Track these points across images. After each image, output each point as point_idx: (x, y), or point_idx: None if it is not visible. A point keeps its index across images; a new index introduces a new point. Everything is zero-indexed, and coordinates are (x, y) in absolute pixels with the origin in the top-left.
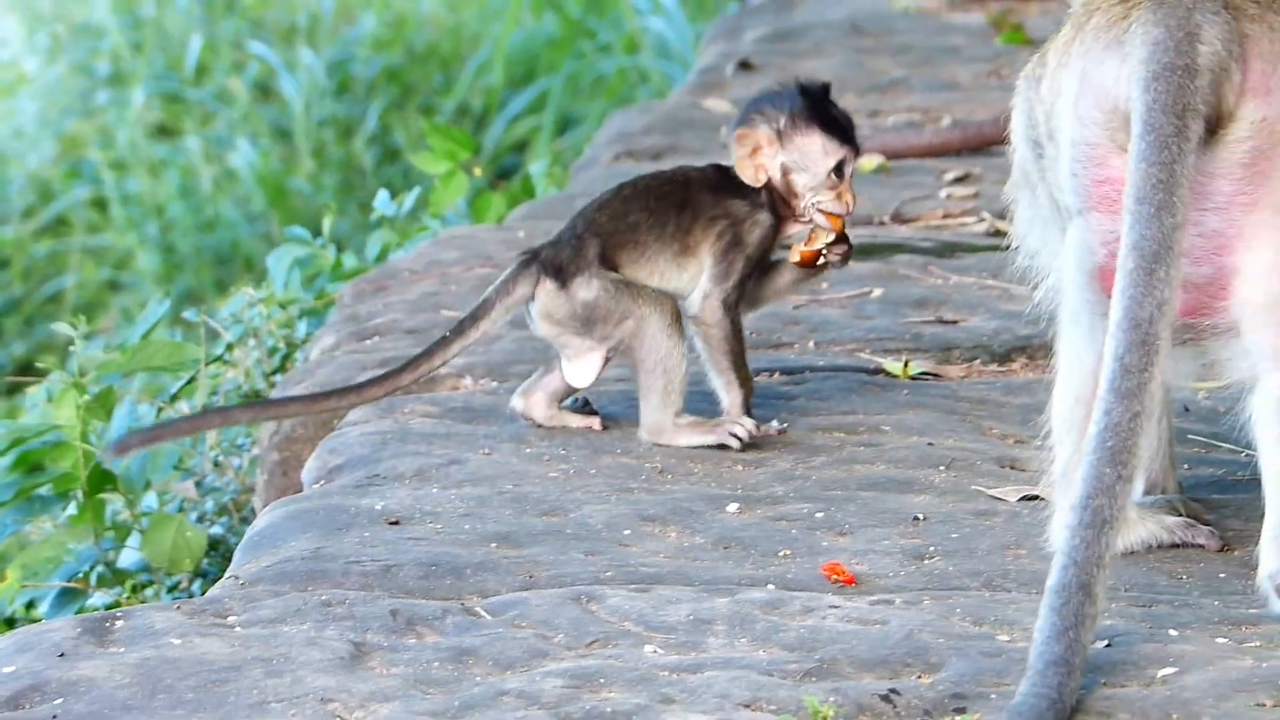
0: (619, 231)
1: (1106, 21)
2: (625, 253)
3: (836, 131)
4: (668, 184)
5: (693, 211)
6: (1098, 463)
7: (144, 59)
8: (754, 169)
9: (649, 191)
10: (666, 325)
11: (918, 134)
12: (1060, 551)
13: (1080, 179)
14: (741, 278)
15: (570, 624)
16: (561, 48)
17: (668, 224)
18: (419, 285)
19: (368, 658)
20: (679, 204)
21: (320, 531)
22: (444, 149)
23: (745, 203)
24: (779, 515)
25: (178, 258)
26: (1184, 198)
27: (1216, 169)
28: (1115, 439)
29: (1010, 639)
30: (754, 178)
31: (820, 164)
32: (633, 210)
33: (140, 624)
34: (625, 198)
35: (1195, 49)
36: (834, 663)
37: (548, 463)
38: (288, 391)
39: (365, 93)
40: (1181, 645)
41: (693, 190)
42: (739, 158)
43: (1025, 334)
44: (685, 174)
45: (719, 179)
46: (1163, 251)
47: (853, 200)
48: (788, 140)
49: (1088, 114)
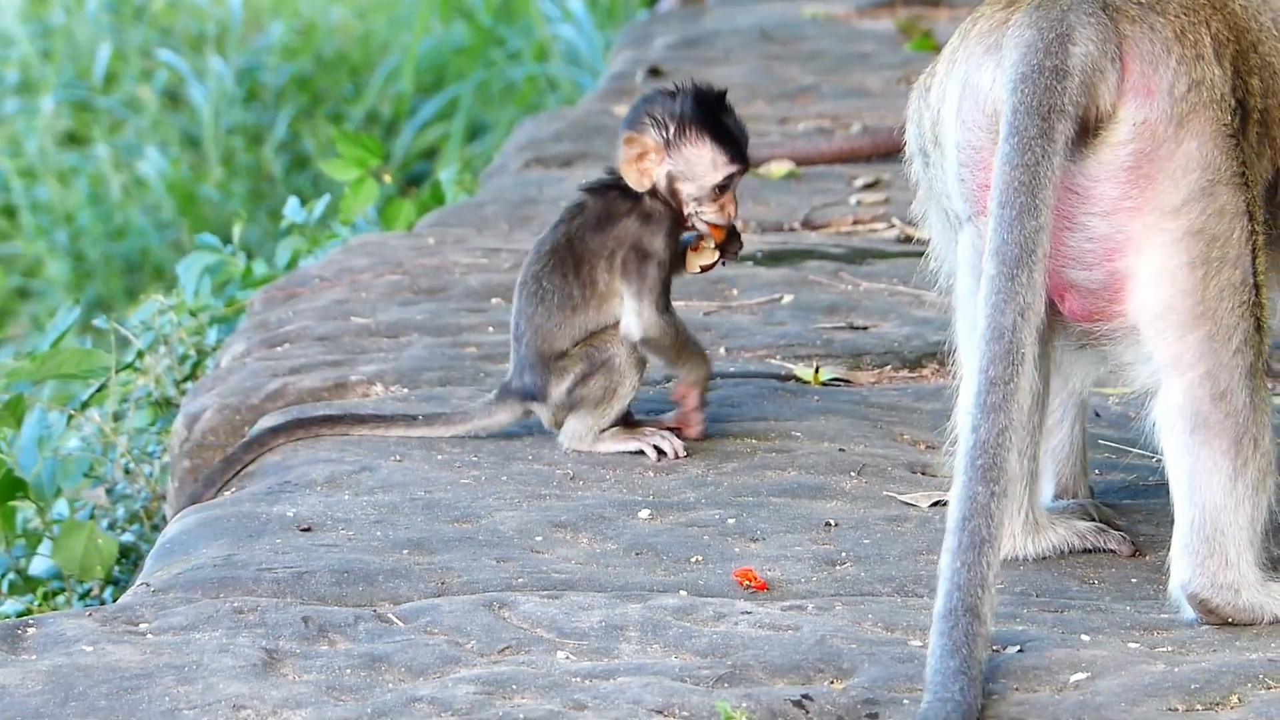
0: (543, 329)
1: (988, 26)
2: (560, 338)
3: (728, 145)
4: (550, 255)
5: (586, 263)
6: (970, 483)
7: (53, 67)
8: (639, 174)
9: (540, 276)
10: (632, 361)
11: (828, 140)
12: (943, 577)
13: (966, 184)
14: (661, 282)
15: (482, 630)
16: (471, 55)
17: (570, 290)
18: (329, 292)
19: (280, 665)
20: (570, 266)
21: (232, 539)
22: (353, 156)
23: (634, 219)
24: (691, 521)
25: (87, 265)
26: (1048, 200)
27: (1100, 172)
28: (984, 456)
29: (922, 644)
30: (638, 183)
31: (707, 177)
32: (539, 301)
33: (52, 631)
34: (530, 294)
35: (1066, 50)
36: (746, 669)
37: (459, 469)
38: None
39: (274, 100)
40: (1094, 650)
41: (575, 246)
42: (625, 160)
43: (936, 340)
44: (565, 233)
45: (600, 210)
46: (1024, 256)
47: (734, 211)
48: (676, 150)
49: (969, 118)
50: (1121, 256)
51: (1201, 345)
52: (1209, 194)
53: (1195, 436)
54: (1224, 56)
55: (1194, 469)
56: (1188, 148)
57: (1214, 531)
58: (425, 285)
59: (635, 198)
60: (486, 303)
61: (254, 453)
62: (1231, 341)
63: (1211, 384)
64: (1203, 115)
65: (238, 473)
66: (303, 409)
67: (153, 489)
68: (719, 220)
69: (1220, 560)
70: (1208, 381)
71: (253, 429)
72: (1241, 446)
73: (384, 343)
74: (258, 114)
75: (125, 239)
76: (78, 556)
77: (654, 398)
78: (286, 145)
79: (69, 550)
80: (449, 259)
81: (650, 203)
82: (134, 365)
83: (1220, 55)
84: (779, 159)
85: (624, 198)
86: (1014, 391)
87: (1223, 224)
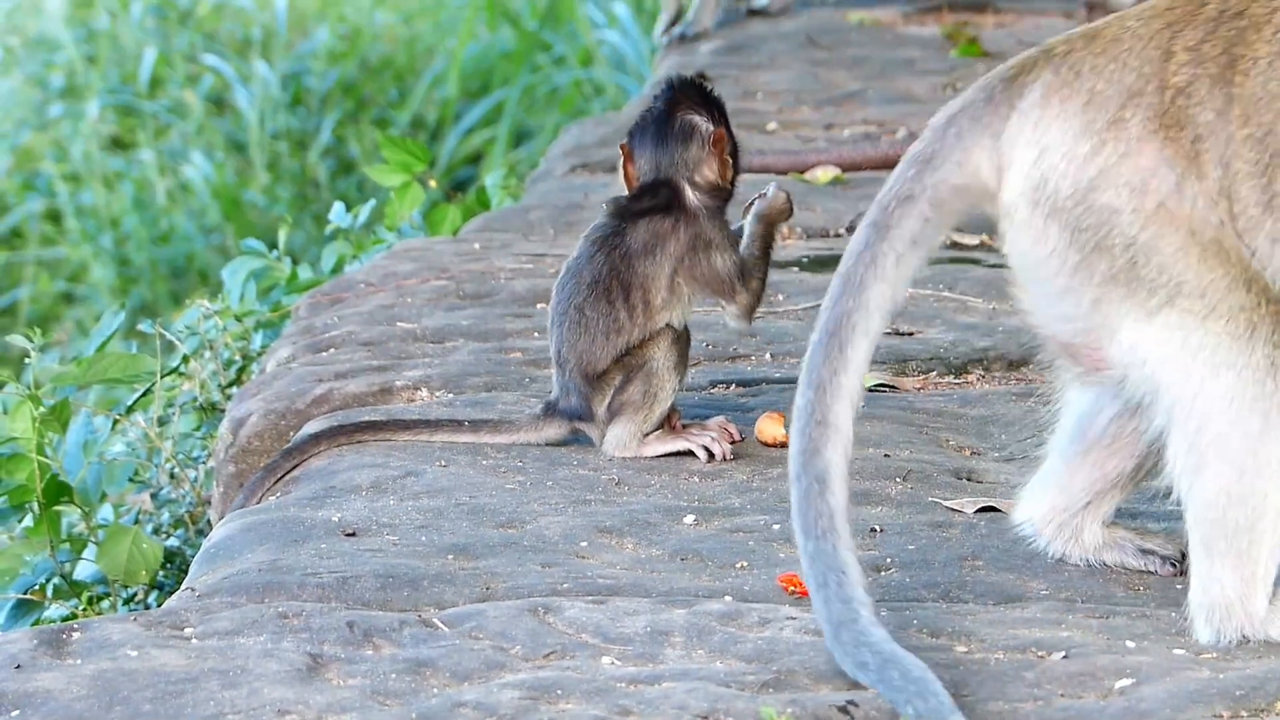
0: (586, 353)
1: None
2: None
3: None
4: (593, 286)
5: (638, 289)
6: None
7: (98, 71)
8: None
9: (583, 307)
10: (670, 364)
11: (874, 146)
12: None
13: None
14: (736, 263)
15: (527, 635)
16: (516, 60)
17: (617, 315)
18: (374, 298)
19: (324, 669)
20: (618, 294)
21: (276, 543)
22: (399, 161)
23: (683, 228)
24: (736, 527)
25: (133, 270)
26: (869, 281)
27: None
28: (800, 514)
29: (967, 650)
30: (630, 187)
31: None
32: (581, 330)
33: (96, 636)
34: (572, 324)
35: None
36: (791, 674)
37: (504, 474)
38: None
39: (320, 105)
40: (1138, 657)
41: (623, 274)
42: (621, 168)
43: (982, 346)
44: (609, 263)
45: (646, 236)
46: (837, 330)
47: (735, 166)
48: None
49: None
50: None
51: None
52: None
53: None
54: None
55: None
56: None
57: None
58: (470, 290)
59: (675, 210)
60: (532, 308)
61: (296, 459)
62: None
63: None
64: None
65: (280, 479)
66: (347, 414)
67: (197, 494)
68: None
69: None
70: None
71: (297, 434)
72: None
73: (429, 348)
74: (303, 119)
75: (170, 243)
76: (122, 561)
77: (697, 402)
78: (331, 150)
79: (114, 555)
80: (494, 264)
81: (689, 199)
82: (179, 370)
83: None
84: (824, 165)
85: (665, 215)
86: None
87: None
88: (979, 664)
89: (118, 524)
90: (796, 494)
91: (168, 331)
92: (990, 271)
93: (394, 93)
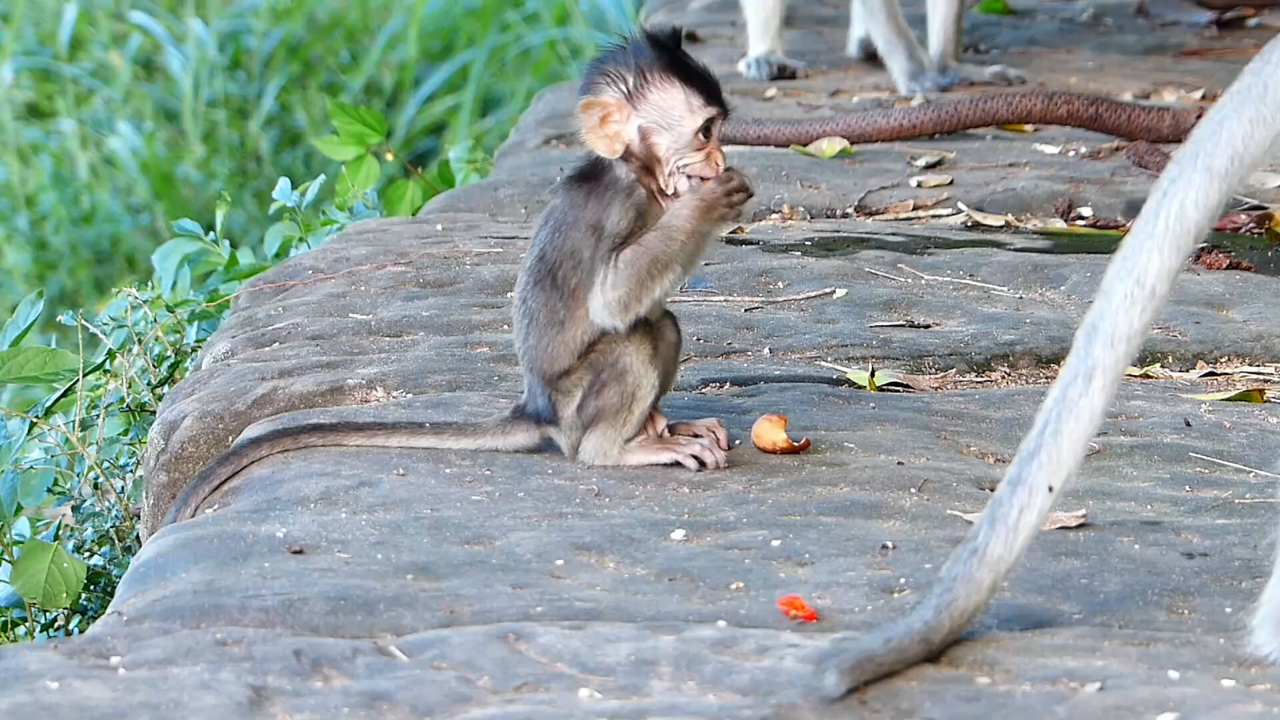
0: (537, 350)
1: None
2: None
3: (700, 86)
4: (529, 273)
5: (560, 271)
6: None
7: (11, 30)
8: (608, 141)
9: (526, 298)
10: (643, 358)
11: (885, 115)
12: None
13: None
14: (608, 250)
15: (496, 665)
16: (483, 18)
17: (554, 305)
18: (324, 285)
19: (268, 703)
20: (547, 280)
21: (214, 562)
22: (351, 132)
23: (591, 201)
24: (730, 543)
25: (51, 254)
26: None
27: None
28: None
29: (991, 681)
30: (609, 149)
31: (685, 122)
32: (529, 323)
33: (11, 665)
34: (520, 317)
35: None
36: (793, 709)
37: (470, 485)
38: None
39: (262, 69)
40: (1183, 688)
41: (547, 256)
42: (588, 130)
43: (1006, 340)
44: (540, 246)
45: (563, 209)
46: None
47: (722, 160)
48: (641, 100)
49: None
50: None
51: None
52: None
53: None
54: None
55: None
56: None
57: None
58: (432, 277)
59: (594, 178)
60: (500, 297)
61: (235, 467)
62: None
63: None
64: None
65: (217, 490)
66: (294, 416)
67: (125, 506)
68: (707, 171)
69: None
70: None
71: (236, 439)
72: None
73: (385, 342)
74: (243, 84)
75: (94, 224)
76: (40, 582)
77: (687, 403)
78: (275, 119)
79: (31, 575)
80: (459, 248)
81: (616, 173)
82: (104, 367)
83: None
84: (830, 136)
85: (580, 185)
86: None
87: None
88: (1004, 697)
89: (35, 540)
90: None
91: (91, 324)
92: (1016, 256)
93: (345, 55)
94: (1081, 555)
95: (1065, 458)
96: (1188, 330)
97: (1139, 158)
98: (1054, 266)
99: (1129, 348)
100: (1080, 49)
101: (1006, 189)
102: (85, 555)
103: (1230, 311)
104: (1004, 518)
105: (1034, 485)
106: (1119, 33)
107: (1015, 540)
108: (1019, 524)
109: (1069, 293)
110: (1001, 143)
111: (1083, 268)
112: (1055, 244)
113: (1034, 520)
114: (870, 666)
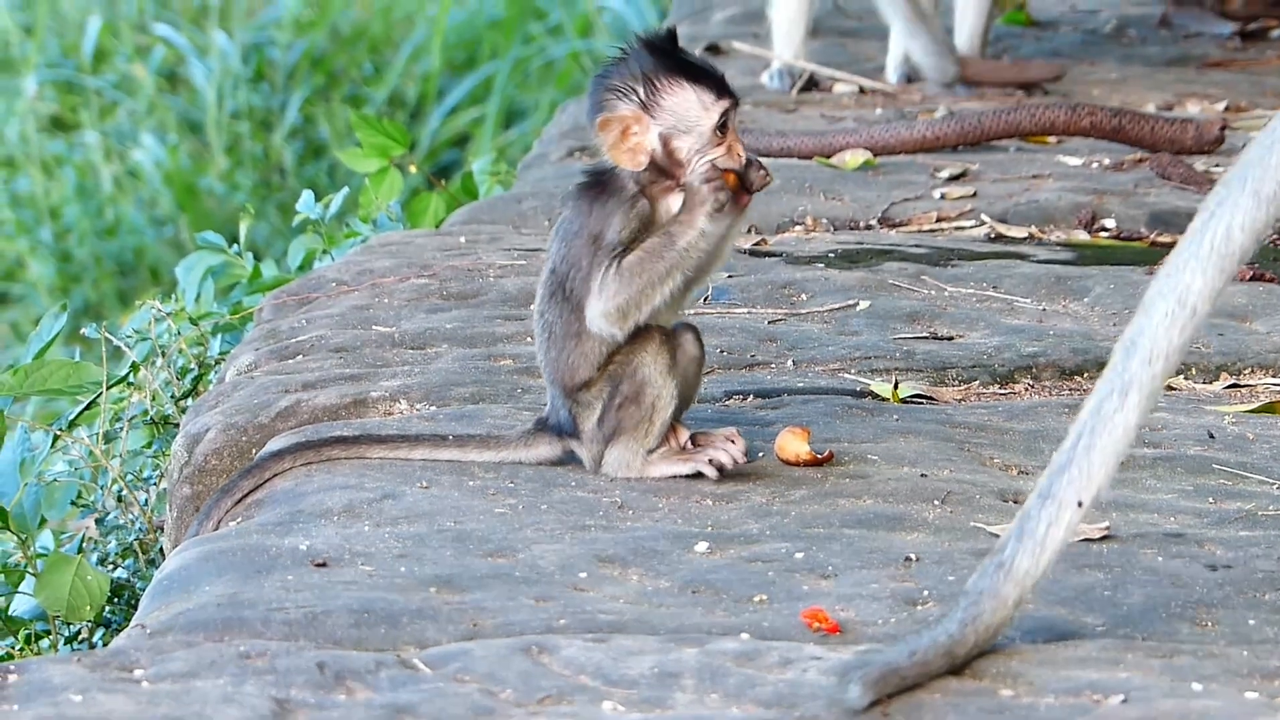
0: (557, 363)
1: None
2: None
3: (708, 82)
4: (544, 286)
5: (570, 282)
6: None
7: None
8: (632, 153)
9: (544, 312)
10: (662, 368)
11: (909, 127)
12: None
13: None
14: (608, 257)
15: (519, 678)
16: (507, 30)
17: (569, 318)
18: (348, 298)
19: (291, 716)
20: (560, 292)
21: (238, 575)
22: (374, 144)
23: (594, 209)
24: (754, 556)
25: (75, 267)
26: None
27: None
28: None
29: (1014, 694)
30: (634, 161)
31: (703, 120)
32: (547, 337)
33: (35, 679)
34: (539, 331)
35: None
36: None
37: (493, 497)
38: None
39: (285, 81)
40: (1207, 701)
41: (558, 269)
42: (609, 146)
43: (1030, 352)
44: (551, 258)
45: (569, 220)
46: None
47: (742, 150)
48: (656, 107)
49: None
50: None
51: None
52: None
53: None
54: None
55: None
56: None
57: None
58: (455, 290)
59: (599, 188)
60: (524, 309)
61: (259, 480)
62: None
63: None
64: None
65: (241, 502)
66: (317, 429)
67: (149, 519)
68: (731, 164)
69: None
70: None
71: (260, 452)
72: None
73: (409, 354)
74: (266, 96)
75: (117, 237)
76: (64, 595)
77: (710, 415)
78: (299, 131)
79: (55, 588)
80: (482, 260)
81: (620, 182)
82: (128, 379)
83: None
84: (853, 148)
85: (585, 195)
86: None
87: None
88: (1027, 710)
89: (59, 553)
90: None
91: (115, 336)
92: (1039, 268)
93: (369, 66)
94: (1105, 567)
95: (1096, 473)
96: (1211, 342)
97: (1162, 169)
98: (1077, 278)
99: (1167, 365)
100: (1104, 60)
101: (1030, 201)
102: (109, 568)
103: (1254, 323)
104: (1032, 532)
105: (1063, 500)
106: (1142, 44)
107: (1042, 555)
108: (1046, 539)
109: (1092, 304)
110: (1025, 154)
111: (1106, 279)
112: (1079, 256)
113: (1062, 535)
114: (894, 679)
